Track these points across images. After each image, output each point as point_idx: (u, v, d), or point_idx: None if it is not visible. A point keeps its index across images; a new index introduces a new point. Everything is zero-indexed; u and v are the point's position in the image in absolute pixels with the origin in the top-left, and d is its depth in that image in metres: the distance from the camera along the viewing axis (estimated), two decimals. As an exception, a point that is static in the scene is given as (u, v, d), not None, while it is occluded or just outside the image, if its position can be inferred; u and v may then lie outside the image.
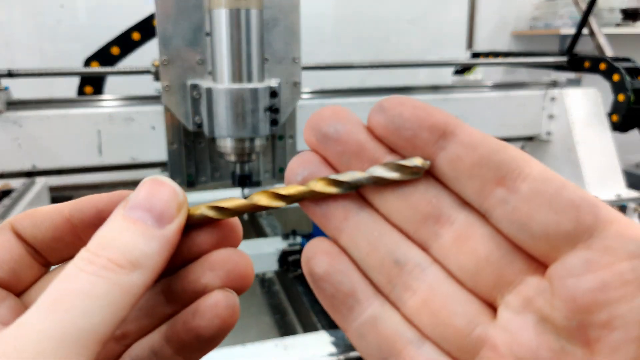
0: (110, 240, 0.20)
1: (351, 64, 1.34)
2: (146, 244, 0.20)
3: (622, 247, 0.17)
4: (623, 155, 1.27)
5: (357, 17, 2.17)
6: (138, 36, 1.21)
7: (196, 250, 0.24)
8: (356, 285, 0.21)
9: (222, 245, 0.24)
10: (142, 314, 0.24)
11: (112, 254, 0.19)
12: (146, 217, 0.21)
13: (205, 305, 0.23)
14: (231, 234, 0.24)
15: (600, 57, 1.31)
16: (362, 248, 0.22)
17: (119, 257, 0.19)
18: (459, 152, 0.20)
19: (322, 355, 0.77)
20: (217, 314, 0.23)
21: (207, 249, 0.24)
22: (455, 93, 1.25)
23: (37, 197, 1.38)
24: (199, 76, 0.93)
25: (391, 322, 0.21)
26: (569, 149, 1.28)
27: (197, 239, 0.24)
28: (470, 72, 1.78)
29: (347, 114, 0.23)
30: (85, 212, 0.23)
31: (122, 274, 0.19)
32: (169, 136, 1.00)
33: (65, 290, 0.18)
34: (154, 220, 0.21)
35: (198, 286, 0.23)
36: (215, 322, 0.23)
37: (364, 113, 0.22)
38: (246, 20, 0.86)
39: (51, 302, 0.18)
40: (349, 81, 1.70)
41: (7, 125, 0.97)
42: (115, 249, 0.19)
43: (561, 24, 2.36)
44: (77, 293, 0.18)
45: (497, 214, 0.19)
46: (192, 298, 0.24)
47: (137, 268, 0.19)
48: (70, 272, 0.19)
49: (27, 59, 1.80)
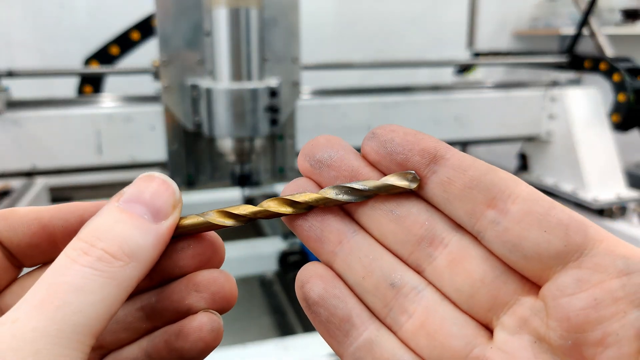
0: (105, 231, 0.19)
1: (351, 64, 1.34)
2: (142, 237, 0.20)
3: (612, 264, 0.18)
4: (623, 155, 1.27)
5: (358, 17, 2.17)
6: (137, 36, 1.21)
7: (180, 265, 0.24)
8: (352, 310, 0.21)
9: (205, 263, 0.24)
10: (120, 327, 0.24)
11: (107, 245, 0.19)
12: (143, 211, 0.20)
13: (189, 327, 0.23)
14: (215, 253, 0.24)
15: (601, 57, 1.31)
16: (357, 272, 0.22)
17: (115, 249, 0.19)
18: (450, 175, 0.21)
19: (322, 355, 0.77)
20: (201, 337, 0.23)
21: (190, 264, 0.24)
22: (455, 93, 1.25)
23: (37, 197, 1.38)
24: (199, 76, 0.93)
25: (388, 346, 0.21)
26: (569, 149, 1.28)
27: (181, 253, 0.24)
28: (470, 72, 1.78)
29: (340, 142, 0.23)
30: (69, 219, 0.23)
31: (118, 266, 0.19)
32: (169, 136, 1.00)
33: (58, 285, 0.18)
34: (151, 214, 0.21)
35: (182, 306, 0.23)
36: (199, 345, 0.23)
37: (364, 113, 0.22)
38: (246, 20, 0.86)
39: (44, 297, 0.17)
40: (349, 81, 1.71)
41: (7, 125, 0.97)
42: (111, 240, 0.19)
43: (561, 23, 2.36)
44: (70, 287, 0.18)
45: (488, 235, 0.20)
46: (174, 317, 0.23)
47: (132, 261, 0.19)
48: (62, 264, 0.18)
49: (27, 59, 1.80)
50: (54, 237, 0.23)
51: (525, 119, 1.33)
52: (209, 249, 0.24)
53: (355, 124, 1.17)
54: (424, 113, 1.22)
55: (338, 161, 0.22)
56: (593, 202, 1.19)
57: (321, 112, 1.14)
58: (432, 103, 1.22)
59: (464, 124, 1.25)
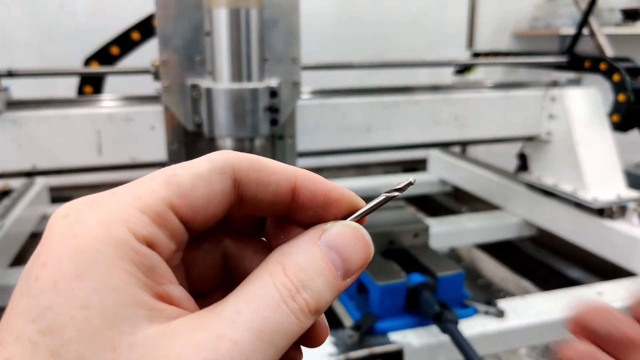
0: (309, 280, 0.20)
1: (351, 64, 1.34)
2: (331, 294, 0.20)
3: None
4: (623, 155, 1.27)
5: (357, 17, 2.17)
6: (138, 36, 1.21)
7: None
8: None
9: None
10: None
11: (309, 297, 0.20)
12: (339, 266, 0.21)
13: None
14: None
15: (601, 57, 1.30)
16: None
17: (312, 303, 0.20)
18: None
19: (322, 355, 0.77)
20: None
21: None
22: (455, 93, 1.25)
23: (37, 197, 1.38)
24: (199, 76, 0.93)
25: None
26: (569, 149, 1.28)
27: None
28: (470, 72, 1.78)
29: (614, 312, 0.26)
30: (316, 193, 0.22)
31: (308, 319, 0.20)
32: (169, 136, 1.00)
33: (271, 322, 0.18)
34: (343, 271, 0.21)
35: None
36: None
37: (364, 113, 0.22)
38: (246, 20, 0.86)
39: (259, 327, 0.18)
40: (349, 81, 1.70)
41: (7, 125, 0.97)
42: (312, 293, 0.20)
43: (561, 24, 2.36)
44: (279, 330, 0.18)
45: None
46: None
47: (316, 315, 0.20)
48: (274, 296, 0.19)
49: (27, 59, 1.80)
50: (293, 202, 0.23)
51: (525, 119, 1.33)
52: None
53: (355, 124, 1.17)
54: (424, 113, 1.22)
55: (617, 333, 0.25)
56: (593, 202, 1.19)
57: (321, 112, 1.14)
58: (432, 103, 1.22)
59: (464, 124, 1.25)
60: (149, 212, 0.19)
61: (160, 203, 0.19)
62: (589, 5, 1.32)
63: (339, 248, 0.21)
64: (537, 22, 2.51)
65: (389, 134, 1.20)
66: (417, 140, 1.25)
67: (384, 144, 1.21)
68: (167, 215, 0.19)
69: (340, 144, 1.18)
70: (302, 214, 0.23)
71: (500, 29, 2.49)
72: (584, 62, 1.35)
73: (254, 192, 0.22)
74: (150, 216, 0.19)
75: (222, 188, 0.21)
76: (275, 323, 0.18)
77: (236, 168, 0.21)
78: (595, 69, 1.30)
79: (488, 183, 1.57)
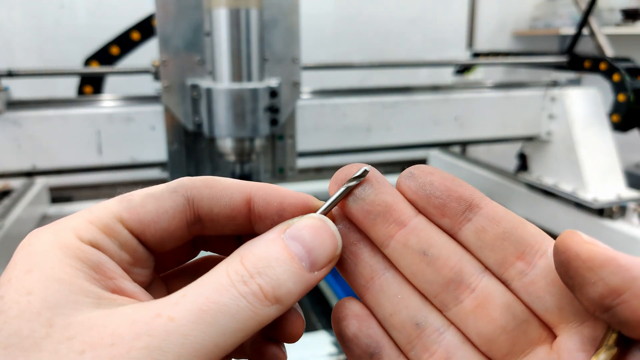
0: (266, 266, 0.20)
1: (351, 64, 1.34)
2: (294, 284, 0.21)
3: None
4: (623, 155, 1.27)
5: (357, 17, 2.17)
6: (138, 36, 1.21)
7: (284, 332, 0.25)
8: (382, 349, 0.23)
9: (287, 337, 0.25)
10: None
11: (264, 282, 0.20)
12: (303, 257, 0.21)
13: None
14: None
15: (601, 57, 1.30)
16: (385, 309, 0.23)
17: (268, 289, 0.20)
18: (484, 225, 0.22)
19: (322, 355, 0.77)
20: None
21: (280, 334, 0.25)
22: (455, 93, 1.25)
23: (37, 197, 1.38)
24: (199, 76, 0.93)
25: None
26: (569, 149, 1.28)
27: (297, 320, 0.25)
28: (470, 72, 1.78)
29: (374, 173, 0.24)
30: (271, 201, 0.23)
31: (264, 305, 0.20)
32: (169, 136, 1.00)
33: (214, 302, 0.19)
34: (309, 263, 0.21)
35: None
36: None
37: (364, 113, 0.23)
38: (246, 20, 0.86)
39: (201, 307, 0.18)
40: (349, 81, 1.71)
41: (7, 125, 0.97)
42: (268, 279, 0.20)
43: (561, 24, 2.36)
44: (224, 311, 0.19)
45: (515, 284, 0.22)
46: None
47: (276, 304, 0.20)
48: (224, 282, 0.19)
49: (27, 59, 1.80)
50: (251, 214, 0.23)
51: (525, 119, 1.33)
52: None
53: (355, 124, 1.17)
54: (424, 113, 1.22)
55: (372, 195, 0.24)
56: (593, 202, 1.19)
57: (321, 112, 1.14)
58: (432, 103, 1.22)
59: (464, 124, 1.25)
60: (97, 222, 0.21)
61: (110, 216, 0.21)
62: (589, 5, 1.33)
63: (304, 239, 0.21)
64: (537, 22, 2.51)
65: (389, 134, 1.20)
66: (417, 140, 1.25)
67: (384, 144, 1.21)
68: (116, 227, 0.21)
69: (340, 144, 1.18)
70: (262, 224, 0.24)
71: (500, 29, 2.49)
72: (584, 62, 1.35)
73: (208, 207, 0.23)
74: (98, 226, 0.21)
75: (172, 205, 0.22)
76: (221, 304, 0.19)
77: (189, 187, 0.23)
78: (595, 69, 1.31)
79: (488, 183, 1.57)
